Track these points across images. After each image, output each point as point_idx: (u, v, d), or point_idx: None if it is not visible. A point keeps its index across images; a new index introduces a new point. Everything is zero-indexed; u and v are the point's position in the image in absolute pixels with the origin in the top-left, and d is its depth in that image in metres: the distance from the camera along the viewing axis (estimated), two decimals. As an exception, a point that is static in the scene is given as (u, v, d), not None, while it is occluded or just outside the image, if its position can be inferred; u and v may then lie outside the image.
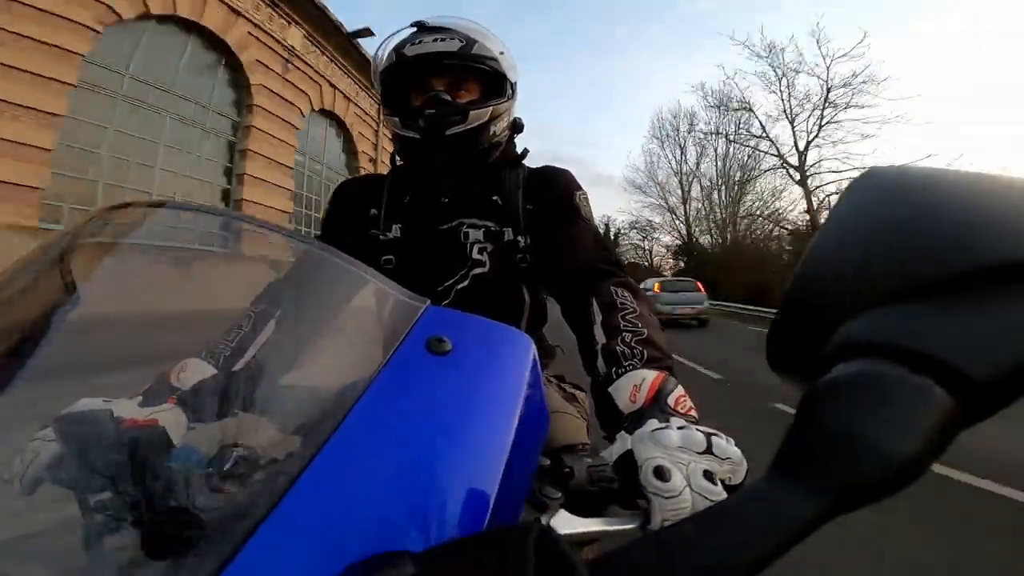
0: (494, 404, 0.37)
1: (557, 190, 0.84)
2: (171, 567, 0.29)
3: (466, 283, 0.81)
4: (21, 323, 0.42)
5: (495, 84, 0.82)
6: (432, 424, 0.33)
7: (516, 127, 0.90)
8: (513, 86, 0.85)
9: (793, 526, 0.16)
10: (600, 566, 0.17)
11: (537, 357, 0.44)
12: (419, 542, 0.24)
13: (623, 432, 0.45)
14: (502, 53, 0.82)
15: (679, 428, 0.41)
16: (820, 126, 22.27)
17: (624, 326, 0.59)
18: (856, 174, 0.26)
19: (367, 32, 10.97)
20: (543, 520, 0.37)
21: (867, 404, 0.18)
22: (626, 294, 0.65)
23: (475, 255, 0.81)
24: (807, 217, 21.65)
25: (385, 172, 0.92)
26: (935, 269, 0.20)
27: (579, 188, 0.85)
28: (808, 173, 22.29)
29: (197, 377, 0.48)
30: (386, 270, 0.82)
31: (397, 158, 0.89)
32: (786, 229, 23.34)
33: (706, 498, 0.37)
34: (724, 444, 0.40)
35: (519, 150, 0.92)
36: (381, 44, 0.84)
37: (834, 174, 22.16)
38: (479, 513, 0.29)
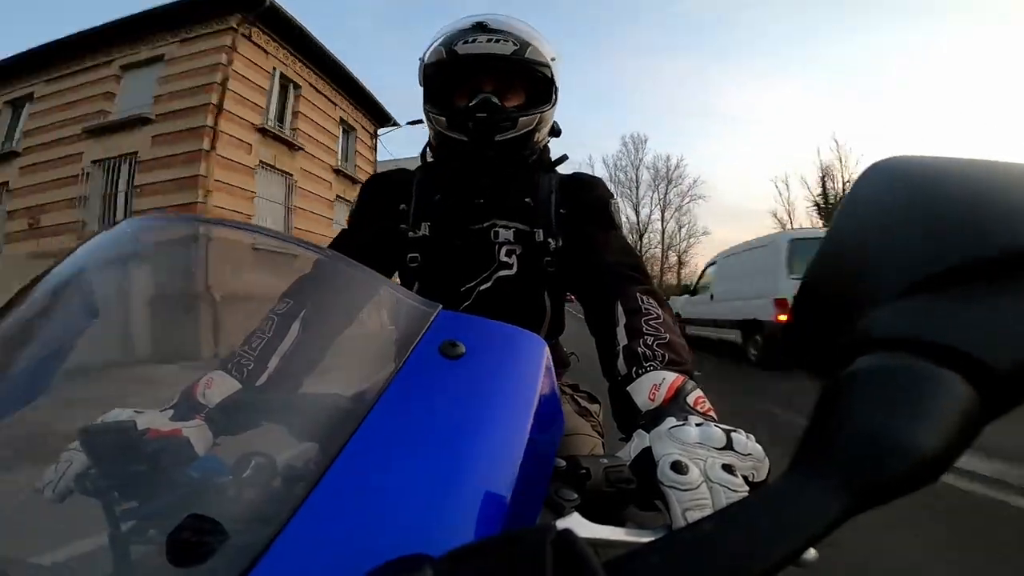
0: (509, 406, 0.37)
1: (592, 196, 0.84)
2: (195, 574, 0.29)
3: (489, 285, 0.81)
4: (44, 335, 0.43)
5: (542, 89, 0.81)
6: (447, 427, 0.33)
7: (554, 131, 0.90)
8: (557, 91, 0.83)
9: (814, 524, 0.16)
10: (617, 567, 0.16)
11: (551, 358, 0.44)
12: (437, 545, 0.24)
13: (640, 430, 0.45)
14: (554, 59, 0.81)
15: (697, 425, 0.41)
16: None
17: (647, 330, 0.59)
18: None
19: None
20: (560, 523, 0.37)
21: (889, 398, 0.18)
22: (651, 301, 0.65)
23: (502, 257, 0.82)
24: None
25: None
26: (954, 259, 0.19)
27: (612, 196, 0.86)
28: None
29: (222, 393, 0.49)
30: (411, 268, 0.82)
31: (428, 154, 0.89)
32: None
33: (726, 489, 0.36)
34: (744, 440, 0.39)
35: (556, 155, 0.92)
36: (435, 37, 0.81)
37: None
38: (496, 516, 0.29)
